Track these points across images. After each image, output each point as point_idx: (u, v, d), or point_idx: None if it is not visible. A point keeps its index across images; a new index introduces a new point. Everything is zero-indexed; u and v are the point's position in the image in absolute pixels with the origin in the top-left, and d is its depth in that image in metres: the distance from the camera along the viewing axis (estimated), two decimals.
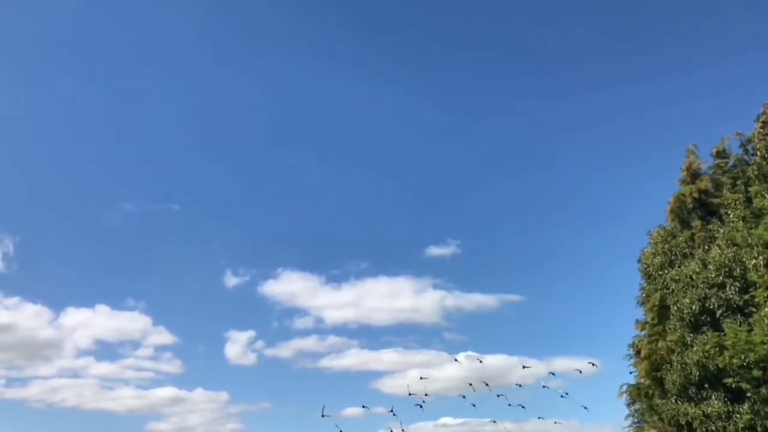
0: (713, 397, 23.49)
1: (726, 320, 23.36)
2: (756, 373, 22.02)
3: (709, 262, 24.70)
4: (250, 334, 52.30)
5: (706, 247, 25.66)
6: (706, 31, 63.94)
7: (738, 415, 22.67)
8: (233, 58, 67.48)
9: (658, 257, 27.43)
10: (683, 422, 24.22)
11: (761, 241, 22.52)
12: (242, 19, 67.12)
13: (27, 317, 50.76)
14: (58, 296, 61.55)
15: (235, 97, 66.34)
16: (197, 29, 66.70)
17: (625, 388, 28.86)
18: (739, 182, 26.26)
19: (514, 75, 69.48)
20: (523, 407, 28.32)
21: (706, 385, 23.91)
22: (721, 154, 27.75)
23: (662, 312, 26.54)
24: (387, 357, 50.00)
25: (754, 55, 56.88)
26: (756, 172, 25.05)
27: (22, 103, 61.78)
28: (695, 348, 23.86)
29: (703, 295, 24.38)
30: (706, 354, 23.34)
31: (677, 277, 25.73)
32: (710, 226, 26.27)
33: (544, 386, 28.88)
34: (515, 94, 68.83)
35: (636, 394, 28.10)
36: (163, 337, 51.64)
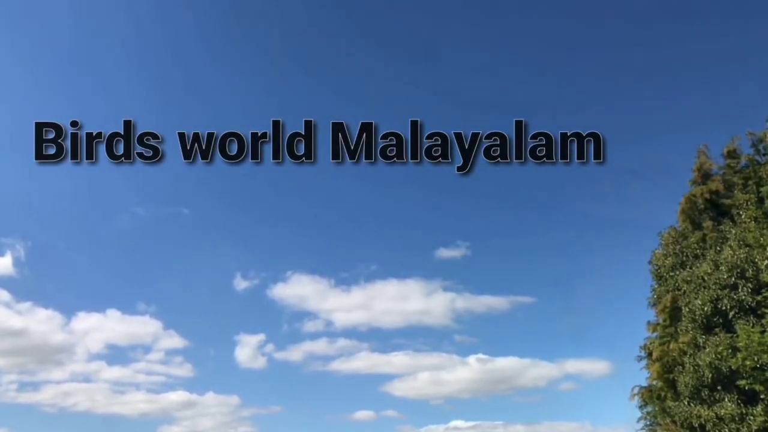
0: (726, 399, 23.29)
1: (739, 321, 23.14)
2: None
3: (721, 263, 24.49)
4: (260, 337, 52.34)
5: (718, 248, 25.46)
6: (717, 29, 63.53)
7: (751, 418, 22.46)
8: (243, 62, 67.63)
9: (670, 258, 27.29)
10: (696, 425, 24.06)
11: None
12: (254, 26, 67.37)
13: (39, 322, 51.04)
14: (69, 301, 61.45)
15: (240, 97, 66.42)
16: (208, 32, 67.03)
17: (636, 390, 28.76)
18: (750, 182, 26.01)
19: (521, 76, 69.19)
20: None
21: (719, 387, 23.72)
22: (732, 154, 27.51)
23: (674, 313, 26.39)
24: (397, 360, 49.85)
25: (767, 54, 56.25)
26: None
27: (30, 105, 62.13)
28: (707, 350, 23.68)
29: (715, 296, 24.17)
30: (719, 356, 23.13)
31: (689, 279, 25.57)
32: (722, 227, 26.05)
33: None
34: (523, 94, 68.57)
35: (648, 396, 27.97)
36: (174, 341, 51.62)
